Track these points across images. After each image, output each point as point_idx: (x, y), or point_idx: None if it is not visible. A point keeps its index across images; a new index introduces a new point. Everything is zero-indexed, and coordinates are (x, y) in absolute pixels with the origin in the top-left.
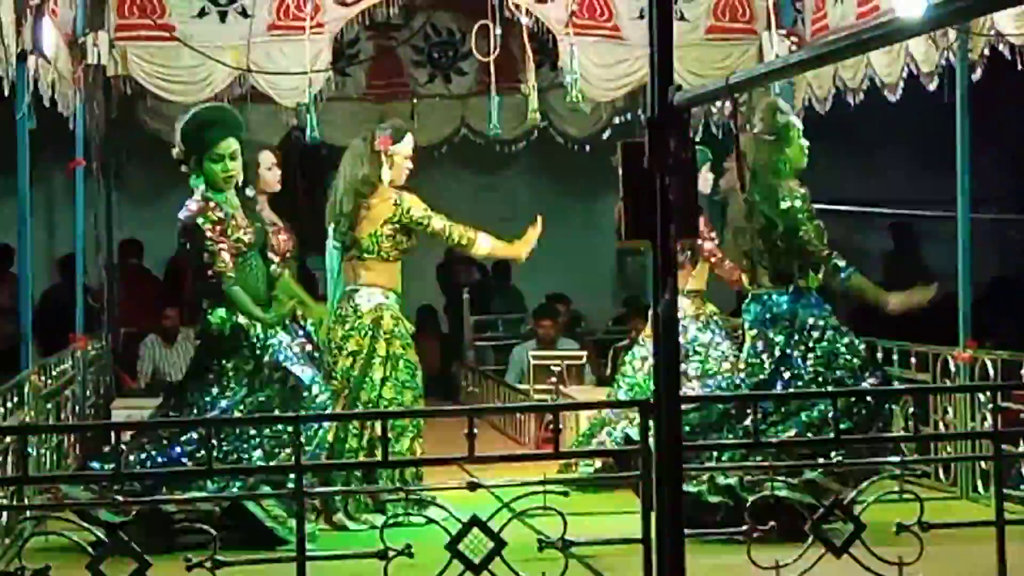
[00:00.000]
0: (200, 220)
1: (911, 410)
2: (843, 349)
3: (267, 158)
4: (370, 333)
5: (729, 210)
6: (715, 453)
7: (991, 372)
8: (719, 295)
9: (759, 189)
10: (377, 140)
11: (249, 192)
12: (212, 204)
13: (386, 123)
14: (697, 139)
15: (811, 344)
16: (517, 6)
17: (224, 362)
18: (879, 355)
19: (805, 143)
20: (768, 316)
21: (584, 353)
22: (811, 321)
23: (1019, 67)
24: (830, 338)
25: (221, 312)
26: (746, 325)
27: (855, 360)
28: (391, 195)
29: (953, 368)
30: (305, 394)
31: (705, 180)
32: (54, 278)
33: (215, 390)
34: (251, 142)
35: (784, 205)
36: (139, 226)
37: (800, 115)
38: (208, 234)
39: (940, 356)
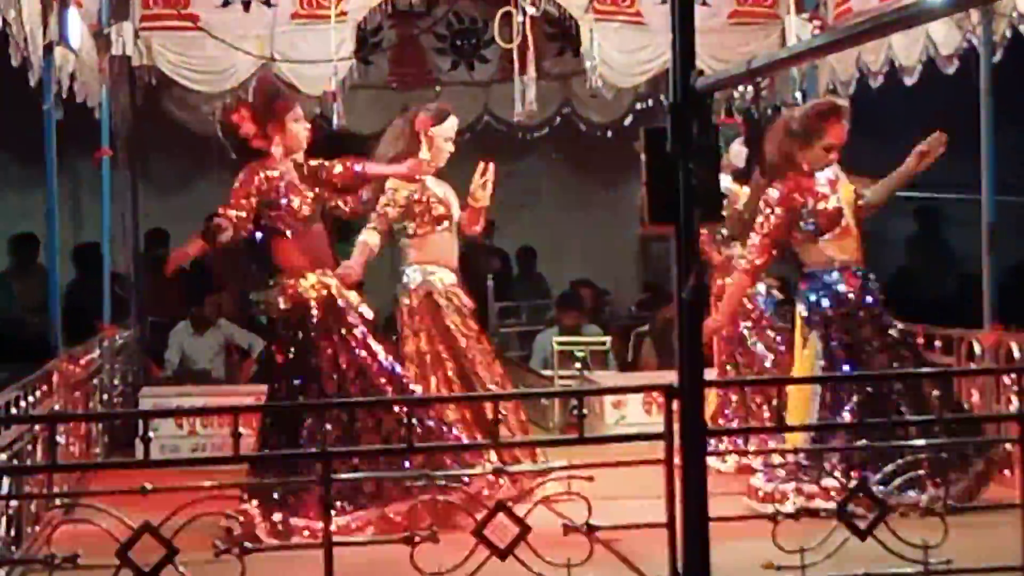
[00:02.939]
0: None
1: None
2: None
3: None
4: (426, 312)
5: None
6: None
7: (1016, 354)
8: None
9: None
10: (418, 120)
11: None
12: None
13: (431, 105)
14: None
15: None
16: None
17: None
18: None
19: (831, 156)
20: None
21: (608, 339)
22: None
23: None
24: None
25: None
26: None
27: None
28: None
29: (978, 351)
30: None
31: (739, 154)
32: (72, 270)
33: None
34: None
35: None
36: (165, 216)
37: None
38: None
39: (965, 339)
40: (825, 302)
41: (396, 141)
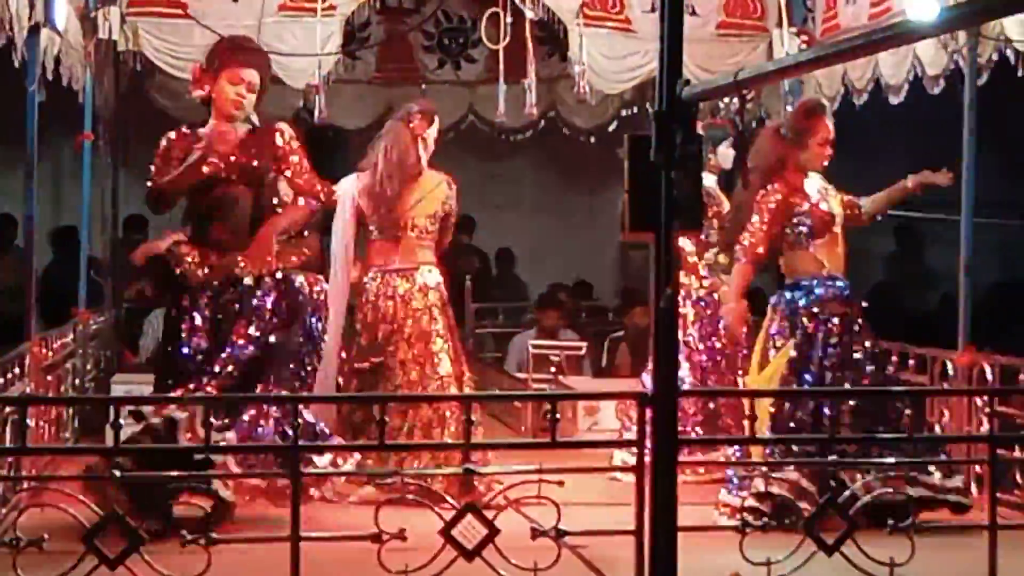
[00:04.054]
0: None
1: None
2: None
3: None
4: (436, 310)
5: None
6: None
7: (989, 376)
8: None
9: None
10: (413, 124)
11: None
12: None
13: (416, 106)
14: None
15: None
16: None
17: None
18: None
19: (826, 151)
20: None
21: (584, 344)
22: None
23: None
24: None
25: None
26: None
27: None
28: (441, 180)
29: (951, 371)
30: None
31: (726, 156)
32: (49, 252)
33: None
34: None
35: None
36: (144, 202)
37: None
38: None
39: (939, 359)
40: (812, 310)
41: (406, 150)
